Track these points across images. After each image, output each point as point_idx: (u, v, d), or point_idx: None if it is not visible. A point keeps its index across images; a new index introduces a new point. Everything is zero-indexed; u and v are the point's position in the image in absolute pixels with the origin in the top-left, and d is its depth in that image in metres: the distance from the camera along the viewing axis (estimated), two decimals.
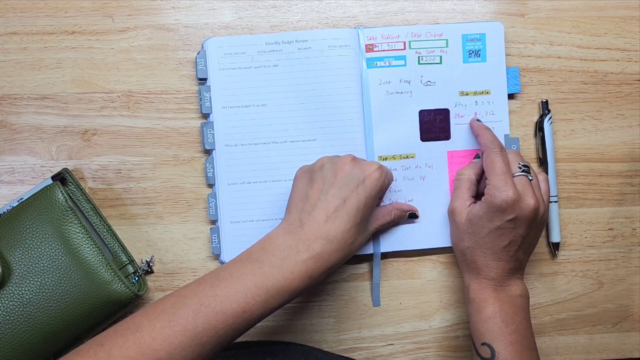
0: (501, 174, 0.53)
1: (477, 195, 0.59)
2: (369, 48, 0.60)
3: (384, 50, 0.60)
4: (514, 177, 0.54)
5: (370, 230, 0.56)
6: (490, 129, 0.59)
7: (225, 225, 0.60)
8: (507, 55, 0.61)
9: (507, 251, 0.54)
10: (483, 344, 0.53)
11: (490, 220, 0.53)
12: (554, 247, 0.63)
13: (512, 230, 0.53)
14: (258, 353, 0.59)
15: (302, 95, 0.60)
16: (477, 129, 0.59)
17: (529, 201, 0.53)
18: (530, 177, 0.55)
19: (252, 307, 0.47)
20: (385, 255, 0.62)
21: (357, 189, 0.52)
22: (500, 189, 0.52)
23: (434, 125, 0.61)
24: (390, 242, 0.61)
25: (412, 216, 0.60)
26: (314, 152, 0.60)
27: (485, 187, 0.56)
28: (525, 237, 0.54)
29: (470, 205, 0.56)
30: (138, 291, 0.56)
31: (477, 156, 0.60)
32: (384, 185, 0.54)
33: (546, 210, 0.55)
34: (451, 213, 0.58)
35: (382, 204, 0.60)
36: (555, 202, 0.62)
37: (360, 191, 0.52)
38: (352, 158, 0.54)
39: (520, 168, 0.55)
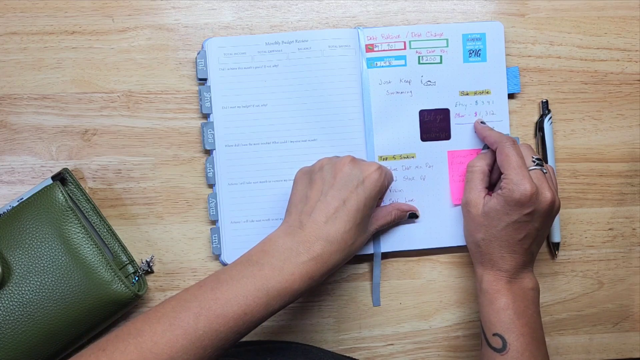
0: (517, 167, 0.53)
1: (489, 186, 0.59)
2: (369, 48, 0.60)
3: (384, 50, 0.60)
4: (529, 170, 0.54)
5: (370, 230, 0.56)
6: (493, 129, 0.59)
7: (226, 226, 0.60)
8: (507, 55, 0.61)
9: (522, 244, 0.54)
10: (495, 334, 0.53)
11: (508, 214, 0.53)
12: (554, 247, 0.63)
13: (529, 224, 0.53)
14: (258, 352, 0.59)
15: (303, 96, 0.60)
16: (481, 130, 0.59)
17: (546, 194, 0.53)
18: (544, 171, 0.55)
19: (253, 310, 0.47)
20: (385, 255, 0.62)
21: (356, 189, 0.52)
22: (517, 183, 0.52)
23: (434, 125, 0.61)
24: (391, 242, 0.61)
25: (413, 216, 0.60)
26: (315, 152, 0.60)
27: (497, 178, 0.56)
28: (540, 230, 0.54)
29: (485, 197, 0.56)
30: (138, 291, 0.56)
31: (485, 147, 0.59)
32: (384, 185, 0.54)
33: (560, 203, 0.55)
34: (466, 205, 0.57)
35: (382, 204, 0.60)
36: None
37: (360, 192, 0.52)
38: (352, 159, 0.54)
39: (534, 162, 0.55)
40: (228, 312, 0.46)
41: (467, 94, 0.61)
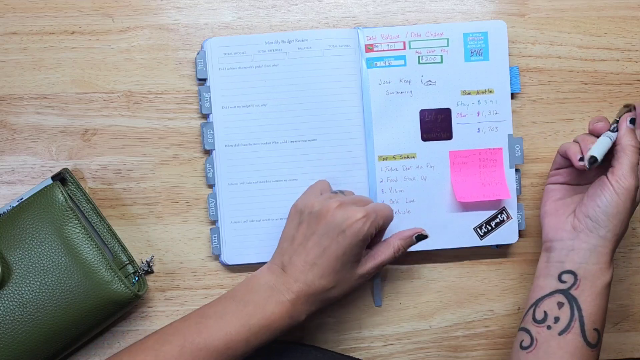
0: None
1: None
2: (369, 48, 0.60)
3: (383, 50, 0.60)
4: None
5: (361, 272, 0.54)
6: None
7: (226, 226, 0.60)
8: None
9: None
10: (595, 329, 0.53)
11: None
12: None
13: None
14: (258, 352, 0.59)
15: (302, 95, 0.60)
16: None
17: None
18: None
19: (236, 344, 0.50)
20: None
21: (337, 238, 0.51)
22: None
23: (435, 124, 0.61)
24: None
25: (421, 238, 0.56)
26: (314, 152, 0.60)
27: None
28: None
29: None
30: (138, 291, 0.56)
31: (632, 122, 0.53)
32: (369, 232, 0.52)
33: None
34: None
35: (385, 237, 0.57)
36: None
37: (341, 240, 0.51)
38: (339, 204, 0.52)
39: None
40: (210, 345, 0.49)
41: (469, 94, 0.61)
